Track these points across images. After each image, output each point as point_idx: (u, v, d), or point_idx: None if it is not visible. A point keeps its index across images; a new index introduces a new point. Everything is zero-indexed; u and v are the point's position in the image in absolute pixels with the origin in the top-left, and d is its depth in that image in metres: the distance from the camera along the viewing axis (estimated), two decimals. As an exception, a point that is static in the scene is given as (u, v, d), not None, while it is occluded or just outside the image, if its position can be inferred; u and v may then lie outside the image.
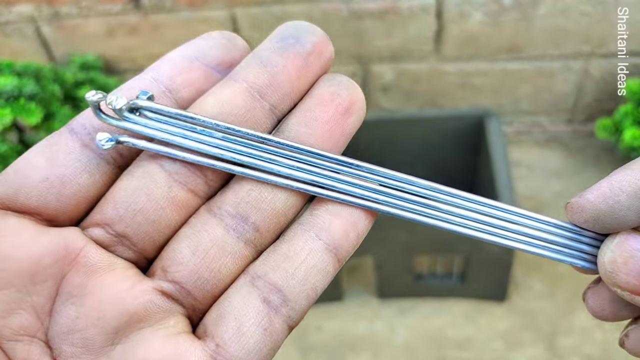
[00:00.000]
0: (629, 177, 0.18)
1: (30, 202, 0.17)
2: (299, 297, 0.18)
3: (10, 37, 0.91)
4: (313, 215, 0.19)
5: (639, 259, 0.18)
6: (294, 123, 0.19)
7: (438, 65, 0.85)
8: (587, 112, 0.89)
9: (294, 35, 0.19)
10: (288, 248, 0.18)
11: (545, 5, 0.76)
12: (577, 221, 0.19)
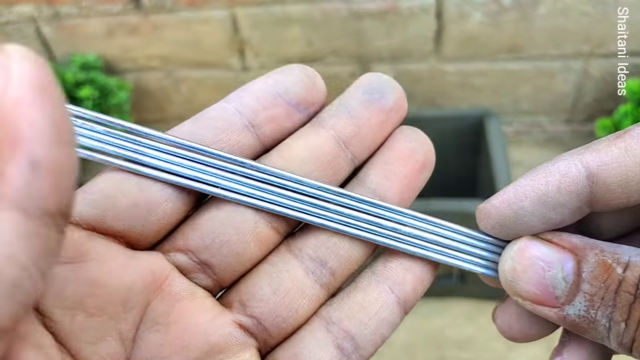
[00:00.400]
0: (532, 182, 0.18)
1: (117, 225, 0.17)
2: (368, 345, 0.19)
3: (10, 37, 0.91)
4: (387, 267, 0.20)
5: (538, 267, 0.17)
6: (374, 174, 0.20)
7: (438, 66, 0.85)
8: (586, 112, 0.89)
9: (379, 90, 0.20)
10: (363, 298, 0.19)
11: (545, 5, 0.76)
12: (485, 227, 0.19)
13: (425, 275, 0.20)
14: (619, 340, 0.16)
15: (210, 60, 0.90)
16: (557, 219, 0.18)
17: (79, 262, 0.16)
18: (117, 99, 0.85)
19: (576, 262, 0.17)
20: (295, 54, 0.87)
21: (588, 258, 0.17)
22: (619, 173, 0.17)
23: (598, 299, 0.16)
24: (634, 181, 0.17)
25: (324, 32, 0.83)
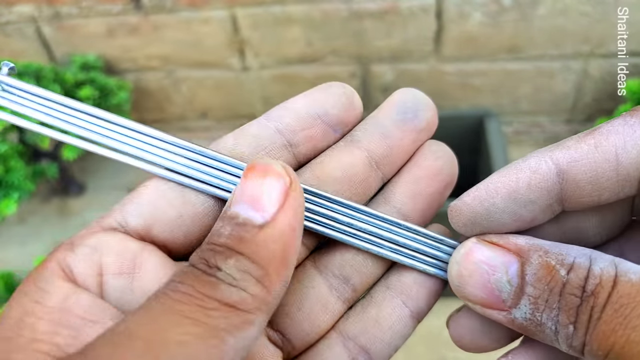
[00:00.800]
0: (504, 178, 0.18)
1: (162, 235, 0.18)
2: (382, 357, 0.20)
3: (10, 37, 0.91)
4: (401, 282, 0.20)
5: (483, 272, 0.17)
6: (401, 194, 0.20)
7: (438, 66, 0.85)
8: (586, 112, 0.89)
9: (412, 109, 0.20)
10: (377, 313, 0.20)
11: (544, 6, 0.76)
12: (457, 225, 0.19)
13: (437, 288, 0.21)
14: (569, 342, 0.16)
15: (210, 60, 0.90)
16: (528, 216, 0.18)
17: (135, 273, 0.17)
18: (117, 99, 0.85)
19: (520, 264, 0.17)
20: (295, 54, 0.87)
21: (532, 260, 0.17)
22: (589, 169, 0.17)
23: (542, 302, 0.16)
24: (604, 178, 0.17)
25: (324, 32, 0.83)
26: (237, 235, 0.14)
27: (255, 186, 0.15)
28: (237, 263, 0.14)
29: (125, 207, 0.18)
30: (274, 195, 0.15)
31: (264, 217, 0.15)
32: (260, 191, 0.15)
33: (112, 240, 0.17)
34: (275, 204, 0.15)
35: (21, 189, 0.76)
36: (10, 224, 0.88)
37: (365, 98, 0.92)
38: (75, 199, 0.91)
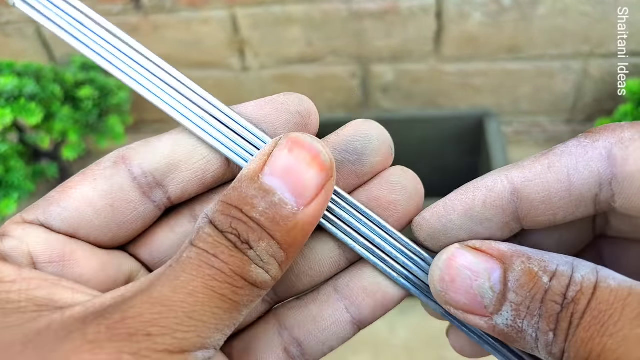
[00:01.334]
0: (461, 196, 0.18)
1: (89, 237, 0.18)
2: (315, 353, 0.20)
3: (10, 37, 0.91)
4: (349, 287, 0.20)
5: (466, 277, 0.17)
6: None
7: (438, 66, 0.85)
8: (586, 112, 0.89)
9: (358, 151, 0.19)
10: (318, 311, 0.19)
11: (544, 6, 0.76)
12: (419, 238, 0.19)
13: (386, 302, 0.20)
14: (548, 350, 0.16)
15: (210, 60, 0.90)
16: (484, 234, 0.18)
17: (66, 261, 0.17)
18: (117, 99, 0.85)
19: (503, 270, 0.17)
20: (296, 54, 0.87)
21: (514, 266, 0.17)
22: (542, 189, 0.17)
23: (524, 309, 0.16)
24: (556, 197, 0.17)
25: (324, 32, 0.83)
26: (271, 216, 0.15)
27: (300, 169, 0.15)
28: (268, 247, 0.15)
29: (49, 209, 0.17)
30: (314, 185, 0.15)
31: (300, 204, 0.15)
32: (303, 178, 0.15)
33: (36, 232, 0.17)
34: (312, 195, 0.15)
35: (21, 188, 0.76)
36: (10, 224, 0.88)
37: (365, 98, 0.92)
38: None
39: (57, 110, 0.78)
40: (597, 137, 0.17)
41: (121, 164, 0.17)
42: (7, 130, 0.75)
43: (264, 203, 0.15)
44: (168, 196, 0.18)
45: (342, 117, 0.69)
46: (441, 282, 0.18)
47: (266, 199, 0.15)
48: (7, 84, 0.72)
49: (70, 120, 0.80)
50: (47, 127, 0.81)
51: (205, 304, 0.14)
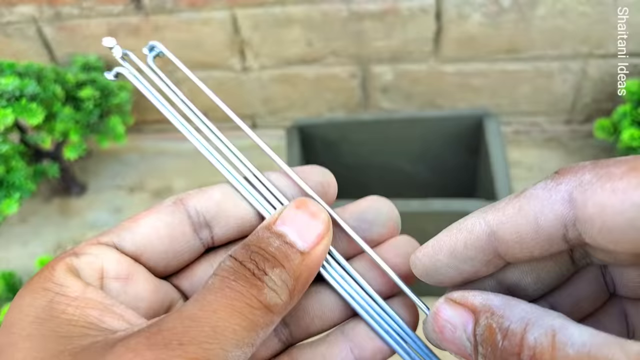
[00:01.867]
0: (446, 238, 0.20)
1: (148, 262, 0.20)
2: None
3: (11, 37, 0.91)
4: (355, 331, 0.22)
5: (448, 329, 0.19)
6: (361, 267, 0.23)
7: (437, 66, 0.86)
8: (585, 113, 0.89)
9: (369, 221, 0.23)
10: (326, 350, 0.22)
11: (544, 6, 0.76)
12: (417, 275, 0.21)
13: (386, 349, 0.22)
14: None
15: (211, 61, 0.90)
16: (470, 271, 0.20)
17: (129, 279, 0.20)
18: (118, 99, 0.85)
19: (473, 323, 0.18)
20: (296, 55, 0.87)
21: (480, 321, 0.18)
22: (513, 231, 0.18)
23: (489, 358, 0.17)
24: (527, 238, 0.18)
25: (324, 32, 0.84)
26: (284, 251, 0.18)
27: (305, 220, 0.19)
28: (281, 273, 0.18)
29: (122, 233, 0.20)
30: (316, 234, 0.19)
31: (305, 246, 0.19)
32: (307, 226, 0.19)
33: (110, 252, 0.20)
34: (315, 240, 0.19)
35: (22, 189, 0.76)
36: (11, 223, 0.88)
37: (365, 98, 0.93)
38: (77, 199, 0.92)
39: (59, 111, 0.78)
40: (560, 180, 0.18)
41: (180, 204, 0.21)
42: (9, 130, 0.75)
43: (277, 242, 0.19)
44: (212, 236, 0.22)
45: (342, 117, 0.69)
46: (433, 332, 0.20)
47: (280, 240, 0.19)
48: (9, 84, 0.72)
49: (72, 120, 0.80)
50: (48, 128, 0.81)
51: (226, 320, 0.17)
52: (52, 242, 0.84)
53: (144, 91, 0.22)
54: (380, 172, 0.74)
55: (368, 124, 0.69)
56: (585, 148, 0.88)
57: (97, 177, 0.96)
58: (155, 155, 1.00)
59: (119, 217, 0.87)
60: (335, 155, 0.73)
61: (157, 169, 0.97)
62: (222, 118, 1.06)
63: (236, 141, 1.02)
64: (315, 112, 0.96)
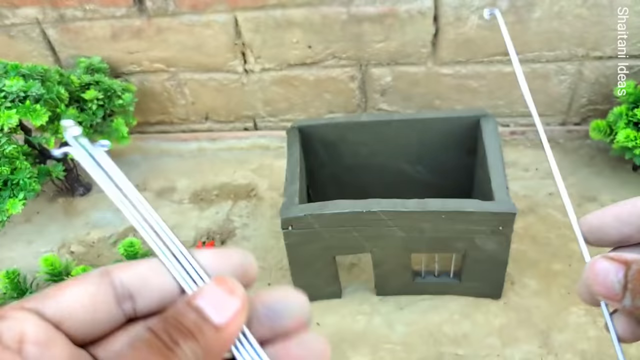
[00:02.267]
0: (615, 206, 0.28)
1: (69, 330, 0.21)
2: None
3: (15, 39, 0.92)
4: None
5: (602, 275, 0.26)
6: None
7: (435, 68, 0.86)
8: (581, 114, 0.90)
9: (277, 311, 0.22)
10: None
11: (540, 9, 0.77)
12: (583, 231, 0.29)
13: None
14: None
15: (212, 63, 0.91)
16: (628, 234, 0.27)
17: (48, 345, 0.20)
18: (121, 101, 0.86)
19: (625, 270, 0.25)
20: (296, 57, 0.88)
21: (632, 266, 0.25)
22: None
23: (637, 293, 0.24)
24: None
25: (324, 35, 0.85)
26: (199, 325, 0.19)
27: (223, 297, 0.20)
28: (193, 346, 0.19)
29: (46, 300, 0.21)
30: (232, 309, 0.20)
31: (220, 321, 0.20)
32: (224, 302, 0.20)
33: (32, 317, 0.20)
34: (230, 316, 0.20)
35: (27, 189, 0.77)
36: (16, 223, 0.90)
37: (364, 100, 0.94)
38: (81, 199, 0.92)
39: (63, 112, 0.79)
40: None
41: (106, 275, 0.22)
42: (13, 131, 0.76)
43: (193, 316, 0.19)
44: (135, 308, 0.22)
45: (342, 119, 0.70)
46: (587, 279, 0.26)
47: (195, 314, 0.20)
48: (13, 85, 0.73)
49: (76, 121, 0.81)
50: (52, 128, 0.82)
51: None
52: (56, 241, 0.85)
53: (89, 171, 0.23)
54: (378, 172, 0.75)
55: (367, 125, 0.70)
56: (581, 148, 0.89)
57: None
58: (158, 156, 1.01)
59: (122, 217, 0.88)
60: (335, 155, 0.74)
61: (160, 169, 0.98)
62: (222, 120, 1.07)
63: (237, 142, 1.03)
64: (315, 113, 0.97)
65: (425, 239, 0.61)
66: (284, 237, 0.61)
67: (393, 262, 0.65)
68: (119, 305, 0.21)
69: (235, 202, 0.89)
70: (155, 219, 0.23)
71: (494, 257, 0.62)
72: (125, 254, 0.72)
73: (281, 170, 0.95)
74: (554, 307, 0.67)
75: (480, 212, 0.57)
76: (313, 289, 0.69)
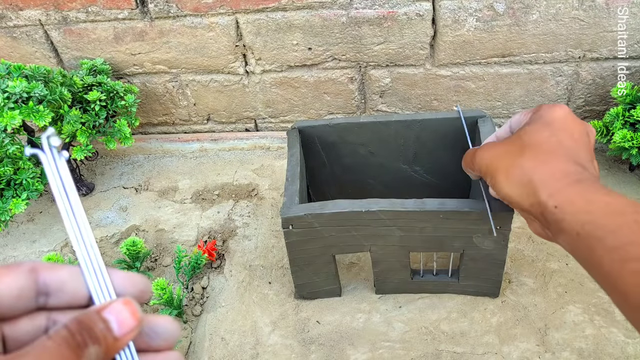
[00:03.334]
0: None
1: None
2: None
3: (18, 41, 0.92)
4: None
5: None
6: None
7: (433, 70, 0.87)
8: (578, 115, 0.91)
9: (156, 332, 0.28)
10: None
11: (537, 11, 0.78)
12: None
13: None
14: None
15: (214, 64, 0.92)
16: None
17: None
18: (124, 101, 0.86)
19: None
20: (296, 59, 0.89)
21: None
22: None
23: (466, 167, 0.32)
24: None
25: (324, 37, 0.85)
26: (104, 334, 0.24)
27: (126, 315, 0.25)
28: (97, 349, 0.24)
29: None
30: (130, 326, 0.25)
31: (120, 334, 0.25)
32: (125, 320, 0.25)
33: None
34: (126, 331, 0.25)
35: (30, 189, 0.78)
36: (19, 222, 0.90)
37: (364, 102, 0.94)
38: (83, 199, 0.93)
39: (66, 113, 0.80)
40: None
41: (34, 272, 0.26)
42: (16, 131, 0.76)
43: (102, 325, 0.25)
44: (46, 302, 0.26)
45: (341, 119, 0.71)
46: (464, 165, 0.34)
47: (104, 324, 0.25)
48: (16, 86, 0.73)
49: (79, 122, 0.81)
50: (55, 129, 0.83)
51: None
52: (59, 240, 0.86)
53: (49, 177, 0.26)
54: (377, 172, 0.76)
55: (366, 126, 0.70)
56: (579, 149, 0.90)
57: (104, 178, 0.98)
58: (161, 156, 1.02)
59: (125, 216, 0.89)
60: (335, 155, 0.74)
61: (162, 169, 0.98)
62: (224, 121, 1.08)
63: (238, 142, 1.05)
64: (315, 114, 0.97)
65: (423, 238, 0.62)
66: (285, 236, 0.62)
67: (392, 261, 0.66)
68: (37, 298, 0.26)
69: (236, 201, 0.89)
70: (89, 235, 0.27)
71: (491, 256, 0.63)
72: (127, 253, 0.73)
73: (282, 171, 0.95)
74: (551, 305, 0.68)
75: (478, 211, 0.57)
76: (313, 287, 0.70)
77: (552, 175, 0.37)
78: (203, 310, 0.73)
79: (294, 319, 0.71)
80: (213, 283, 0.77)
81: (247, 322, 0.71)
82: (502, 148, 0.43)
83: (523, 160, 0.40)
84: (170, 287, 0.68)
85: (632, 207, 0.33)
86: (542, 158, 0.39)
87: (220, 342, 0.69)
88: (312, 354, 0.66)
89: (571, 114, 0.44)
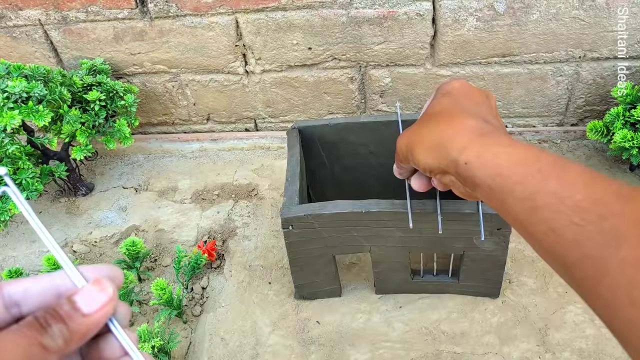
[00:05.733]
0: None
1: None
2: None
3: (18, 40, 0.92)
4: None
5: None
6: None
7: (434, 69, 0.87)
8: (578, 114, 0.91)
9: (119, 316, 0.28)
10: None
11: (538, 11, 0.78)
12: None
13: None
14: None
15: (213, 64, 0.92)
16: None
17: None
18: (124, 101, 0.86)
19: None
20: (296, 59, 0.89)
21: None
22: None
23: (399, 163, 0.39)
24: None
25: (324, 37, 0.85)
26: (69, 313, 0.25)
27: (94, 293, 0.26)
28: (61, 327, 0.25)
29: None
30: (100, 302, 0.26)
31: (88, 310, 0.25)
32: (94, 297, 0.26)
33: None
34: (97, 307, 0.26)
35: (30, 189, 0.78)
36: (19, 222, 0.90)
37: (364, 101, 0.94)
38: (83, 199, 0.93)
39: (65, 113, 0.80)
40: None
41: None
42: (16, 131, 0.76)
43: (67, 307, 0.25)
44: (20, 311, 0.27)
45: (341, 119, 0.71)
46: None
47: (69, 305, 0.25)
48: (16, 86, 0.73)
49: (78, 122, 0.81)
50: (55, 129, 0.83)
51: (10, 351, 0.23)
52: (59, 240, 0.86)
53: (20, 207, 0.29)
54: (378, 172, 0.76)
55: (366, 126, 0.70)
56: (578, 149, 0.90)
57: (104, 178, 0.98)
58: (160, 156, 1.02)
59: (125, 216, 0.89)
60: (335, 156, 0.74)
61: (162, 169, 0.98)
62: (224, 120, 1.08)
63: (238, 142, 1.04)
64: (315, 114, 0.97)
65: (423, 239, 0.62)
66: (285, 237, 0.62)
67: (392, 262, 0.66)
68: (8, 310, 0.27)
69: (236, 201, 0.89)
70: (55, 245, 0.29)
71: (492, 256, 0.63)
72: (127, 253, 0.73)
73: (282, 171, 0.95)
74: (551, 305, 0.68)
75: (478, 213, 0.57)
76: (313, 287, 0.70)
77: (459, 133, 0.39)
78: (203, 311, 0.73)
79: (294, 319, 0.70)
80: (213, 283, 0.77)
81: (247, 322, 0.71)
82: (414, 127, 0.46)
83: (431, 127, 0.43)
84: (170, 287, 0.68)
85: (533, 156, 0.34)
86: (447, 120, 0.42)
87: (220, 342, 0.69)
88: (312, 354, 0.66)
89: (468, 84, 0.47)
